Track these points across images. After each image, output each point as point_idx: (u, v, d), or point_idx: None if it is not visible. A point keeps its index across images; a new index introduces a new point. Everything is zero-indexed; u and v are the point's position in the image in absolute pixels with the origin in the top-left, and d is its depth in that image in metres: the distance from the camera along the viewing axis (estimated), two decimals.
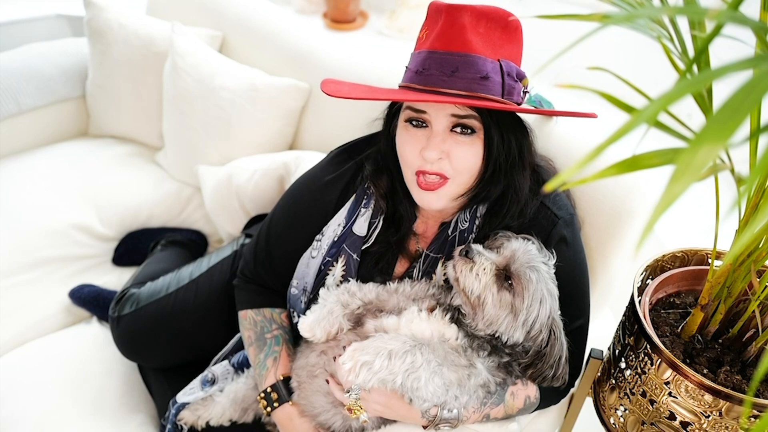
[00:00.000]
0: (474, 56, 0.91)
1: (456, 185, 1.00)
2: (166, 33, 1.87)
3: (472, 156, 0.98)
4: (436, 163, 0.97)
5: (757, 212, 0.81)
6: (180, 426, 1.25)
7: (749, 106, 0.39)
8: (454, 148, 0.97)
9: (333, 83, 1.04)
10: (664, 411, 0.94)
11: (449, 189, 1.00)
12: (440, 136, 0.96)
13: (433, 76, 0.92)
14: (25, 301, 1.57)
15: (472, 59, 0.91)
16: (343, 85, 1.05)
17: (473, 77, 0.91)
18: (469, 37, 0.91)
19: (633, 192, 1.16)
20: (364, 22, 3.03)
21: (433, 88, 0.92)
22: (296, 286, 1.19)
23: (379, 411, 1.01)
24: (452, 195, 1.02)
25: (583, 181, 0.49)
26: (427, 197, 1.01)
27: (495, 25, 0.92)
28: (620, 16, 0.55)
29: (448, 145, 0.96)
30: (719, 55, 0.67)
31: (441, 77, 0.91)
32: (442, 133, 0.96)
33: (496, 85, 0.92)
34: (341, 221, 1.14)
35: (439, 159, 0.97)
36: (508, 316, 0.94)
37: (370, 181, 1.12)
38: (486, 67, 0.91)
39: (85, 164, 1.92)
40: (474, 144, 0.97)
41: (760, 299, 0.89)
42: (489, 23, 0.92)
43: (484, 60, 0.91)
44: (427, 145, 0.96)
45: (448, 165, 0.98)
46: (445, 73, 0.91)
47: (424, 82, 0.93)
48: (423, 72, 0.93)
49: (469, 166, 0.98)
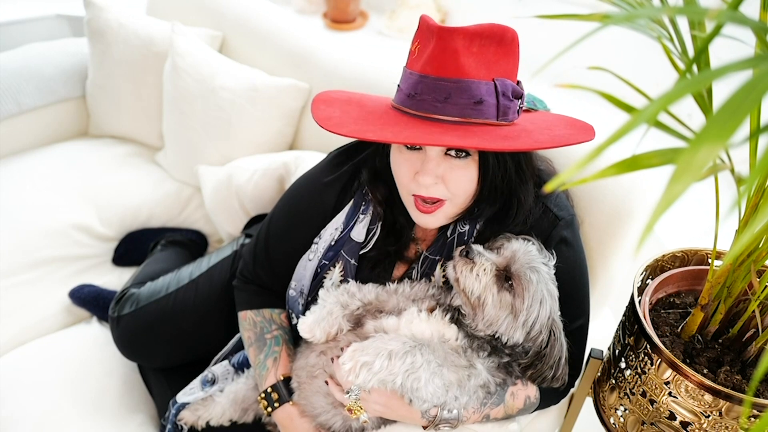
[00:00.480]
0: (467, 81, 0.87)
1: (453, 206, 1.00)
2: (166, 33, 1.87)
3: (467, 179, 0.96)
4: (432, 187, 0.95)
5: (757, 212, 0.81)
6: (180, 426, 1.25)
7: (749, 106, 0.39)
8: (448, 172, 0.95)
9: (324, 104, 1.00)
10: (664, 411, 0.94)
11: (446, 210, 1.00)
12: (434, 161, 0.94)
13: (425, 102, 0.89)
14: (25, 301, 1.57)
15: (465, 85, 0.87)
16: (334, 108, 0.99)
17: (466, 103, 0.88)
18: (462, 61, 0.87)
19: (633, 192, 1.16)
20: (364, 22, 3.04)
21: (426, 114, 0.90)
22: (294, 287, 1.19)
23: (379, 411, 1.01)
24: (449, 215, 1.02)
25: (583, 181, 0.49)
26: (424, 219, 1.01)
27: (489, 42, 0.89)
28: (620, 16, 0.55)
29: (443, 169, 0.95)
30: (719, 55, 0.67)
31: (434, 103, 0.89)
32: (437, 158, 0.94)
33: (491, 107, 0.90)
34: (339, 225, 1.13)
35: (435, 184, 0.95)
36: (508, 316, 0.94)
37: (368, 188, 1.11)
38: (480, 90, 0.88)
39: (85, 164, 1.92)
40: (469, 167, 0.95)
41: (760, 299, 0.89)
42: (482, 41, 0.88)
43: (478, 84, 0.88)
44: (422, 169, 0.94)
45: (443, 189, 0.96)
46: (438, 99, 0.88)
47: (416, 107, 0.90)
48: (415, 96, 0.90)
49: (465, 189, 0.97)
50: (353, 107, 1.00)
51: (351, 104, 1.01)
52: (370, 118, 0.95)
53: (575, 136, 0.93)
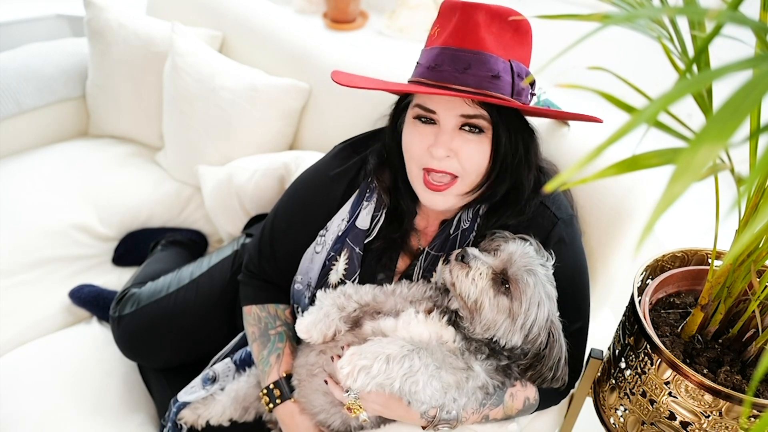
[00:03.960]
0: (486, 54, 0.92)
1: (463, 184, 1.01)
2: (166, 33, 1.87)
3: (479, 154, 0.98)
4: (444, 160, 0.97)
5: (757, 212, 0.81)
6: (180, 425, 1.25)
7: (749, 106, 0.39)
8: (462, 146, 0.97)
9: (344, 75, 1.05)
10: (664, 411, 0.94)
11: (457, 188, 1.00)
12: (449, 134, 0.96)
13: (445, 72, 0.93)
14: (25, 301, 1.57)
15: (484, 57, 0.91)
16: (354, 77, 1.06)
17: (485, 75, 0.92)
18: (482, 35, 0.92)
19: (633, 192, 1.16)
20: (364, 22, 3.03)
21: (444, 84, 0.93)
22: (300, 281, 1.19)
23: (378, 411, 1.01)
24: (458, 194, 1.02)
25: (583, 181, 0.49)
26: (433, 198, 1.01)
27: (507, 26, 0.93)
28: (620, 16, 0.55)
29: (457, 143, 0.97)
30: (719, 55, 0.67)
31: (453, 73, 0.92)
32: (451, 131, 0.97)
33: (507, 84, 0.93)
34: (345, 216, 1.14)
35: (447, 157, 0.97)
36: (505, 320, 0.94)
37: (374, 175, 1.12)
38: (498, 66, 0.92)
39: (85, 164, 1.92)
40: (482, 143, 0.98)
41: (760, 299, 0.89)
42: (502, 23, 0.93)
43: (496, 59, 0.92)
44: (436, 142, 0.96)
45: (456, 163, 0.98)
46: (458, 69, 0.92)
47: (436, 77, 0.94)
48: (435, 68, 0.94)
49: (477, 165, 0.99)
50: (371, 80, 1.07)
51: (370, 79, 1.09)
52: (390, 85, 1.01)
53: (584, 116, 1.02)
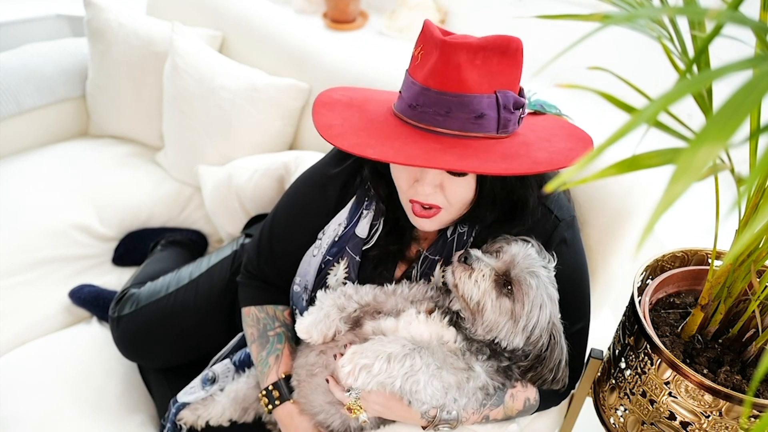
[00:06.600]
0: (469, 96, 0.87)
1: (449, 213, 1.01)
2: (166, 33, 1.87)
3: (464, 189, 0.97)
4: (431, 196, 0.96)
5: (757, 212, 0.81)
6: (179, 426, 1.25)
7: (749, 106, 0.39)
8: (447, 182, 0.96)
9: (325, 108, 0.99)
10: (664, 411, 0.94)
11: (443, 216, 1.00)
12: (433, 173, 0.94)
13: (427, 114, 0.90)
14: (25, 301, 1.57)
15: (467, 99, 0.87)
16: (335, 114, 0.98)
17: (467, 117, 0.88)
18: (464, 76, 0.87)
19: (633, 192, 1.16)
20: (364, 22, 3.03)
21: (427, 127, 0.90)
22: (299, 283, 1.19)
23: (379, 411, 1.01)
24: (446, 221, 1.03)
25: (583, 181, 0.49)
26: (422, 223, 1.02)
27: (493, 54, 0.88)
28: (620, 16, 0.55)
29: (441, 180, 0.96)
30: (719, 55, 0.67)
31: (435, 116, 0.89)
32: (435, 171, 0.94)
33: (492, 121, 0.90)
34: (342, 221, 1.14)
35: (433, 192, 0.96)
36: (507, 322, 0.94)
37: (370, 184, 1.11)
38: (481, 105, 0.88)
39: (85, 164, 1.92)
40: (467, 179, 0.96)
41: (760, 299, 0.89)
42: (486, 53, 0.88)
43: (480, 98, 0.88)
44: (421, 179, 0.95)
45: (441, 197, 0.97)
46: (439, 113, 0.89)
47: (418, 118, 0.91)
48: (417, 108, 0.90)
49: (462, 198, 0.98)
50: (354, 112, 1.00)
51: (352, 108, 1.01)
52: (371, 129, 0.94)
53: (574, 151, 0.93)
